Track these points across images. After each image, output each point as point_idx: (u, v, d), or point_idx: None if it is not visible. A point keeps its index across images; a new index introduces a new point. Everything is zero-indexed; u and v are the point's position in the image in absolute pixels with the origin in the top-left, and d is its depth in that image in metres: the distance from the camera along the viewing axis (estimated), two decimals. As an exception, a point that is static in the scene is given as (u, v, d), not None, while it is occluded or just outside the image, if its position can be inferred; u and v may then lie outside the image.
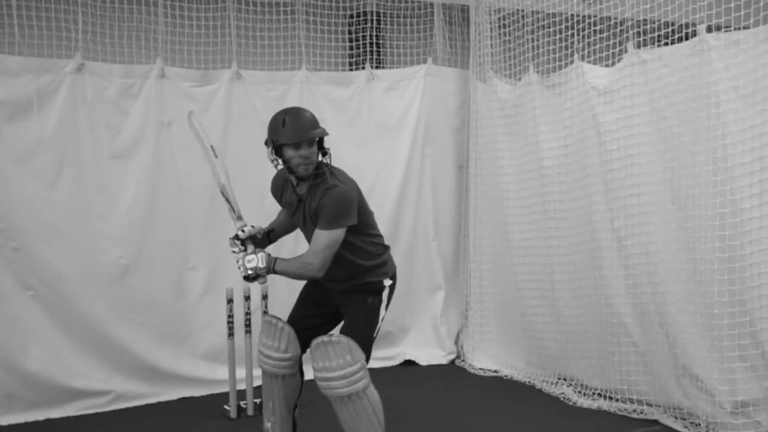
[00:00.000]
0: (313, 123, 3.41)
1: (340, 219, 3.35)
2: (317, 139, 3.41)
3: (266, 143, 3.43)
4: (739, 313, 3.85)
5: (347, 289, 3.56)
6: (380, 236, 3.67)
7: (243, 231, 3.45)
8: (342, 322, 3.61)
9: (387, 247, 3.70)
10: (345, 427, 3.45)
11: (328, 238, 3.33)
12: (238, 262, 3.41)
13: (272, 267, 3.35)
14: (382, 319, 3.59)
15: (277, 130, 3.37)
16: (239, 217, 3.52)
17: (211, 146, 3.61)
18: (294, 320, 3.67)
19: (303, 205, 3.47)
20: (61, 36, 4.85)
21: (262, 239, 3.60)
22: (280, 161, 3.42)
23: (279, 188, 3.64)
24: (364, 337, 3.46)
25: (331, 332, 3.54)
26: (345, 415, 3.41)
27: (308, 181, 3.44)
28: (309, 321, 3.63)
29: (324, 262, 3.34)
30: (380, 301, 3.57)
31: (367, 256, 3.56)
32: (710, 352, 3.97)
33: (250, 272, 3.37)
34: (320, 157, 3.45)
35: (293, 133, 3.33)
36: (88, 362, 4.81)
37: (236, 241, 3.44)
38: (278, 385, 3.64)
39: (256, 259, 3.38)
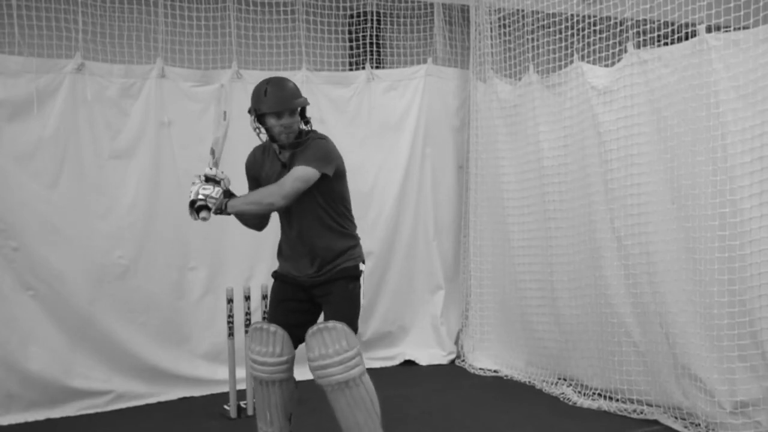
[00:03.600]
0: (295, 93, 3.46)
1: (319, 161, 3.36)
2: (299, 108, 3.46)
3: (249, 111, 3.48)
4: (739, 313, 3.85)
5: (325, 275, 3.51)
6: (353, 219, 3.66)
7: (212, 169, 3.37)
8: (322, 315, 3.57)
9: (356, 227, 3.70)
10: (342, 419, 3.40)
11: (301, 171, 3.31)
12: (193, 185, 3.29)
13: (224, 204, 3.28)
14: (362, 306, 3.58)
15: (259, 99, 3.43)
16: (215, 164, 3.44)
17: (224, 111, 3.58)
18: (277, 322, 3.58)
19: (287, 171, 3.45)
20: (61, 36, 4.86)
21: (224, 192, 3.47)
22: (262, 129, 3.47)
23: (258, 162, 3.60)
24: (351, 324, 3.45)
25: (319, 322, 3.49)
26: (342, 404, 3.38)
27: (290, 149, 3.46)
28: (292, 319, 3.56)
29: (290, 192, 3.30)
30: (359, 287, 3.56)
31: (344, 229, 3.55)
32: (710, 352, 3.97)
33: (200, 197, 3.23)
34: (303, 126, 3.50)
35: (274, 103, 3.39)
36: (88, 362, 4.81)
37: (201, 176, 3.35)
38: (275, 392, 3.58)
39: (212, 190, 3.27)
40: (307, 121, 3.52)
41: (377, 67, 5.96)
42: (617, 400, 4.56)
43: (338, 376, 3.35)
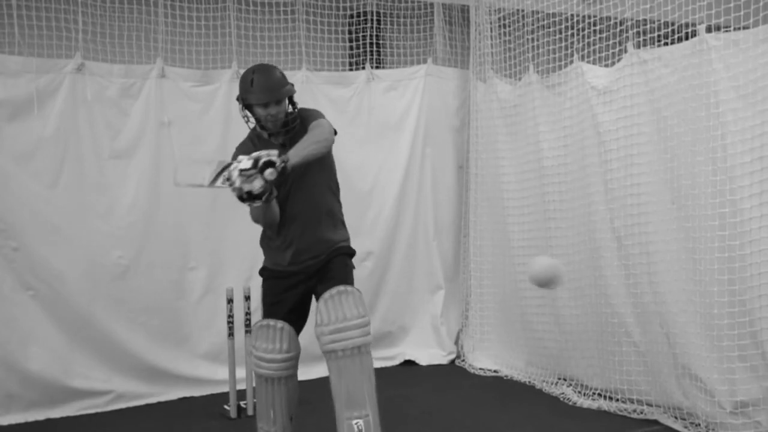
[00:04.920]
0: (281, 82, 3.46)
1: (324, 118, 3.45)
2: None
3: (237, 99, 3.50)
4: (739, 313, 3.85)
5: (326, 254, 3.52)
6: None
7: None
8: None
9: None
10: (347, 389, 3.30)
11: (324, 121, 3.37)
12: (232, 167, 2.98)
13: (286, 158, 3.02)
14: None
15: (246, 89, 3.44)
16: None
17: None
18: (278, 319, 3.57)
19: (287, 149, 3.38)
20: (61, 36, 4.86)
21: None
22: (250, 117, 3.50)
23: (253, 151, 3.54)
24: None
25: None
26: (353, 372, 3.31)
27: (281, 135, 3.49)
28: (291, 315, 3.56)
29: (332, 130, 3.35)
30: (353, 266, 3.60)
31: (339, 205, 3.63)
32: (710, 352, 3.97)
33: (262, 155, 2.94)
34: (290, 109, 3.52)
35: (261, 94, 3.40)
36: (88, 362, 4.82)
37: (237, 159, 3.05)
38: (279, 389, 3.56)
39: (264, 151, 2.97)
40: (295, 106, 3.54)
41: (377, 67, 5.96)
42: (617, 400, 4.56)
43: (357, 339, 3.31)
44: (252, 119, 3.51)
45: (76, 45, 4.86)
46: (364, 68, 5.82)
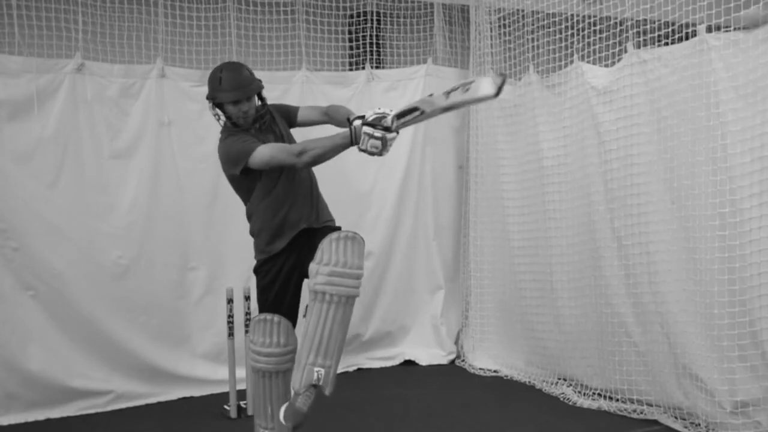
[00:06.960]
0: (249, 79, 3.55)
1: None
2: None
3: (207, 98, 3.58)
4: (739, 313, 3.85)
5: (321, 222, 3.62)
6: None
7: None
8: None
9: None
10: (323, 333, 3.26)
11: None
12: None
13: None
14: None
15: (215, 87, 3.53)
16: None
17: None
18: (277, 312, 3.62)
19: (269, 131, 3.62)
20: (61, 36, 4.86)
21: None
22: (221, 115, 3.58)
23: (250, 134, 3.60)
24: None
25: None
26: (333, 319, 3.26)
27: (253, 130, 3.57)
28: (287, 309, 3.60)
29: None
30: None
31: None
32: (710, 352, 3.98)
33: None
34: (259, 104, 3.63)
35: (231, 92, 3.48)
36: (88, 362, 4.81)
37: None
38: (277, 384, 3.59)
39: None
40: (264, 101, 3.64)
41: (377, 67, 5.95)
42: (617, 400, 4.56)
43: (350, 289, 3.28)
44: (222, 117, 3.59)
45: (76, 45, 4.86)
46: (364, 68, 5.82)
